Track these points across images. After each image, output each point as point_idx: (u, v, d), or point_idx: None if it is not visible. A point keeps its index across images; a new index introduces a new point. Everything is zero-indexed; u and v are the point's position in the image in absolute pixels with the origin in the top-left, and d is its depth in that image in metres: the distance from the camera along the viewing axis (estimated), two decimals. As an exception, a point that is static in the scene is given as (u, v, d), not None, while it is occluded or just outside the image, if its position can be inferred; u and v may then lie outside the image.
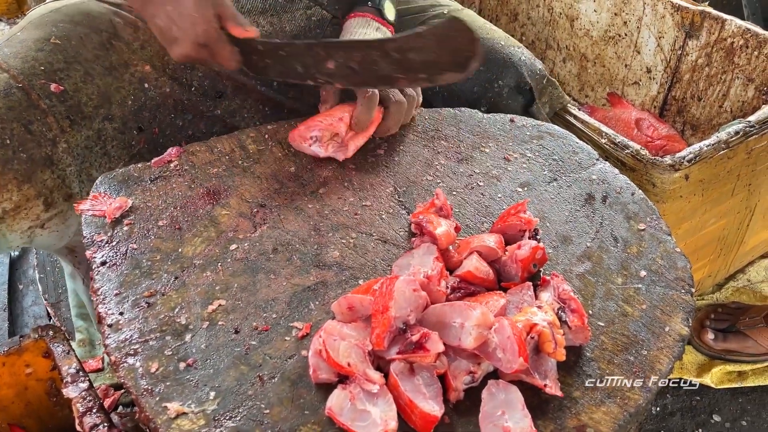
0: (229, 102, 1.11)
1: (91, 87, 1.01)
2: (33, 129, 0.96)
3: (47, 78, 0.97)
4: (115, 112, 1.03)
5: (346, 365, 0.65)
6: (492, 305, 0.72)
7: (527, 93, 1.18)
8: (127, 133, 1.04)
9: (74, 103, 0.99)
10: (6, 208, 0.95)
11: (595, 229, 0.88)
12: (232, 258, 0.82)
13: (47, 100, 0.97)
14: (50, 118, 0.96)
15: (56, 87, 0.97)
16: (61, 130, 0.98)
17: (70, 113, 0.99)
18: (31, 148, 0.96)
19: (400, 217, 0.90)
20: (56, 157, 0.98)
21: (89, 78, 1.01)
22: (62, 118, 0.98)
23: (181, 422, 0.64)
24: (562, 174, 0.97)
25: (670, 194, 1.14)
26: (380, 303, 0.69)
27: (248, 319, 0.75)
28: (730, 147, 1.16)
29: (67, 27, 1.02)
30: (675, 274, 0.82)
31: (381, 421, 0.62)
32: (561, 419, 0.66)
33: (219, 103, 1.10)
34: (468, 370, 0.68)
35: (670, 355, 0.73)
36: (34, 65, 0.97)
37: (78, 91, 0.99)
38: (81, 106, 0.99)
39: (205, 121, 1.10)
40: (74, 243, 1.12)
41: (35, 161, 0.96)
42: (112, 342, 0.71)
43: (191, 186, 0.91)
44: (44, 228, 1.01)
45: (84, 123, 1.00)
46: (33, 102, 0.96)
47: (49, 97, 0.97)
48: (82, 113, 1.00)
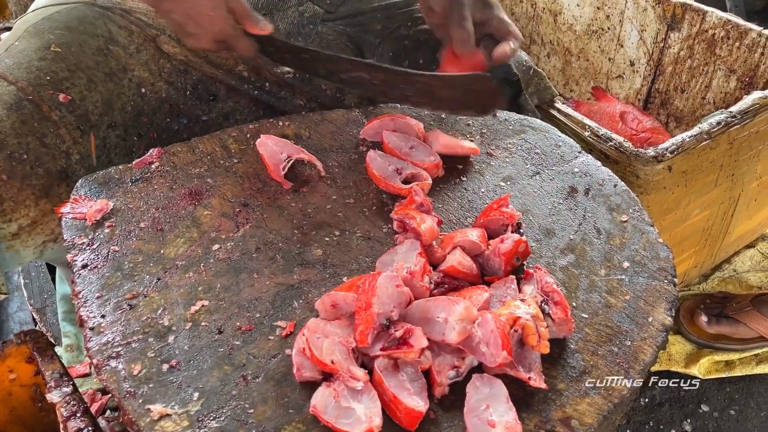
0: (222, 104, 1.11)
1: (96, 94, 1.00)
2: (47, 142, 0.95)
3: (54, 88, 0.96)
4: (117, 119, 1.02)
5: (330, 363, 0.65)
6: (475, 299, 0.72)
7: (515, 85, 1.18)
8: (128, 140, 1.04)
9: (82, 113, 0.98)
10: (23, 224, 0.94)
11: (578, 222, 0.88)
12: (214, 258, 0.82)
13: (58, 111, 0.95)
14: (62, 130, 0.95)
15: (64, 97, 0.96)
16: (74, 141, 0.97)
17: (80, 123, 0.98)
18: (47, 162, 0.95)
19: (383, 214, 0.89)
20: (71, 170, 0.97)
21: (93, 85, 1.00)
22: (73, 129, 0.97)
23: (164, 424, 0.64)
24: (544, 167, 0.97)
25: (653, 186, 1.15)
26: (363, 300, 0.68)
27: (231, 319, 0.75)
28: (712, 138, 1.17)
29: (64, 34, 1.00)
30: (658, 264, 0.82)
31: (365, 418, 0.62)
32: (546, 411, 0.67)
33: (213, 106, 1.10)
34: (452, 365, 0.68)
35: (653, 345, 0.73)
36: (39, 75, 0.96)
37: (84, 100, 0.98)
38: (88, 115, 0.98)
39: (201, 125, 1.10)
40: None
41: (51, 175, 0.95)
42: (94, 345, 0.71)
43: (173, 187, 0.91)
44: (56, 242, 1.00)
45: (92, 132, 0.99)
46: (45, 114, 0.95)
47: (58, 107, 0.96)
48: (90, 122, 0.99)
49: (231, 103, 1.12)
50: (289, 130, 1.01)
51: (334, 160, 0.97)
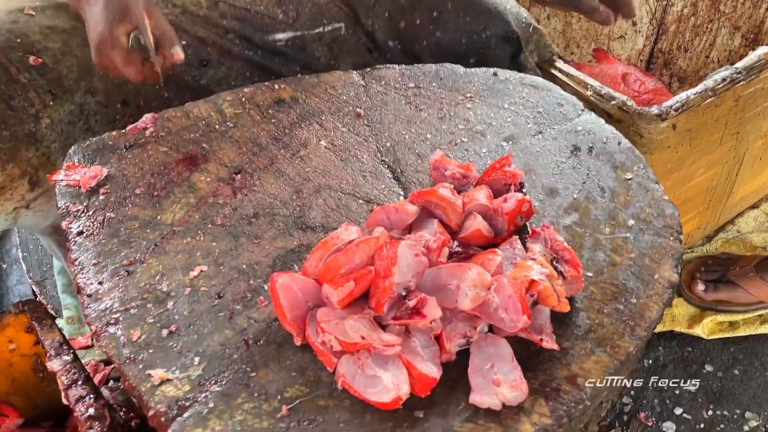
0: (215, 71, 1.08)
1: (71, 59, 0.97)
2: (14, 104, 0.92)
3: (24, 51, 0.94)
4: (98, 85, 0.99)
5: (361, 339, 0.63)
6: (488, 264, 0.70)
7: (515, 42, 1.16)
8: (111, 107, 1.01)
9: (54, 77, 0.95)
10: None
11: (582, 180, 0.86)
12: (212, 223, 0.80)
13: (27, 74, 0.93)
14: (32, 93, 0.93)
15: (35, 60, 0.94)
16: (44, 105, 0.94)
17: (51, 87, 0.95)
18: (14, 125, 0.92)
19: (383, 177, 0.88)
20: (40, 134, 0.95)
21: (68, 49, 0.97)
22: (44, 93, 0.94)
23: (165, 389, 0.63)
24: (547, 126, 0.95)
25: (657, 145, 1.13)
26: (382, 267, 0.67)
27: (231, 283, 0.74)
28: (717, 94, 1.15)
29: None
30: (663, 221, 0.80)
31: (393, 386, 0.61)
32: (551, 370, 0.66)
33: (204, 73, 1.07)
34: (464, 333, 0.66)
35: (659, 302, 0.72)
36: (9, 38, 0.94)
37: (57, 64, 0.96)
38: (62, 79, 0.96)
39: (191, 92, 1.07)
40: (58, 222, 1.10)
41: (18, 139, 0.93)
42: (92, 312, 0.70)
43: (168, 152, 0.89)
44: (29, 208, 0.98)
45: (66, 97, 0.97)
46: (12, 76, 0.92)
47: (28, 70, 0.93)
48: (64, 87, 0.96)
49: (224, 69, 1.10)
50: (285, 93, 0.99)
51: (332, 123, 0.95)
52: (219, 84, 1.09)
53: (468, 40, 1.15)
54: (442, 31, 1.15)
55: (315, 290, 0.68)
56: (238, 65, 1.10)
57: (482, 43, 1.15)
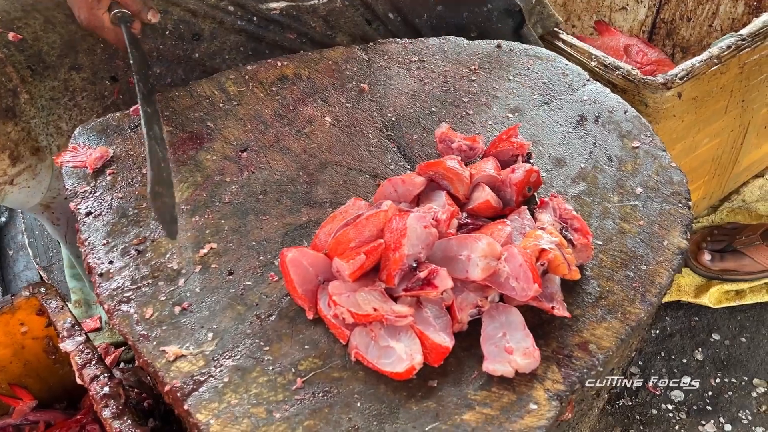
0: (207, 44, 1.07)
1: (53, 35, 0.97)
2: None
3: (3, 27, 0.93)
4: (83, 61, 0.99)
5: (373, 311, 0.63)
6: (497, 235, 0.70)
7: (517, 15, 1.15)
8: (98, 83, 1.01)
9: (34, 53, 0.95)
10: None
11: (589, 150, 0.86)
12: (220, 201, 0.80)
13: (5, 50, 0.93)
14: (9, 68, 0.93)
15: (14, 36, 0.94)
16: (22, 80, 0.94)
17: (30, 63, 0.95)
18: None
19: (389, 151, 0.87)
20: (18, 109, 0.95)
21: (50, 26, 0.97)
22: (22, 68, 0.94)
23: (180, 364, 0.64)
24: (552, 97, 0.94)
25: (663, 114, 1.12)
26: (392, 240, 0.67)
27: (241, 260, 0.74)
28: (722, 62, 1.14)
29: None
30: (671, 188, 0.80)
31: (406, 356, 0.61)
32: (563, 337, 0.66)
33: (197, 46, 1.06)
34: (475, 303, 0.66)
35: (669, 269, 0.72)
36: None
37: (38, 40, 0.96)
38: (42, 56, 0.96)
39: (183, 67, 1.06)
40: (48, 200, 1.10)
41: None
42: (104, 291, 0.70)
43: (173, 132, 0.89)
44: (14, 184, 0.98)
45: (47, 73, 0.96)
46: None
47: (6, 46, 0.93)
48: (45, 63, 0.96)
49: (217, 43, 1.08)
50: (288, 70, 0.98)
51: (336, 99, 0.95)
52: (212, 57, 1.08)
53: (469, 13, 1.14)
54: (443, 4, 1.14)
55: (325, 264, 0.69)
56: (232, 38, 1.08)
57: (483, 16, 1.14)
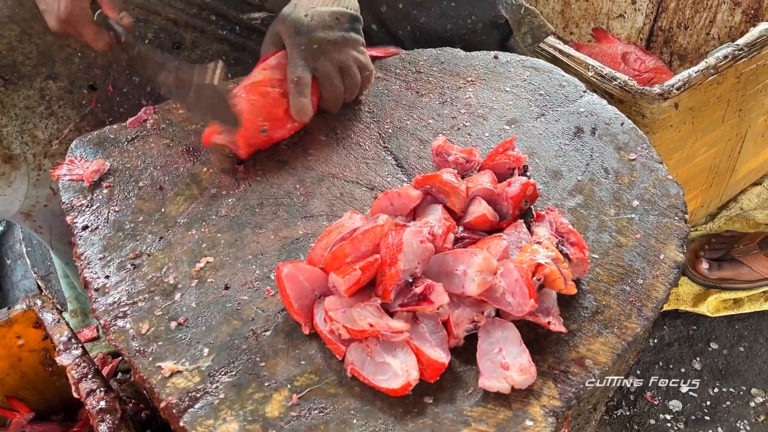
0: (188, 53, 1.06)
1: (29, 46, 0.97)
2: None
3: None
4: (60, 70, 0.99)
5: (369, 327, 0.63)
6: (494, 249, 0.70)
7: (503, 27, 1.14)
8: (75, 92, 1.01)
9: (8, 63, 0.96)
10: None
11: (586, 162, 0.86)
12: (216, 215, 0.80)
13: None
14: None
15: None
16: None
17: (3, 72, 0.95)
18: None
19: (386, 163, 0.87)
20: None
21: (26, 37, 0.97)
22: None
23: (176, 380, 0.63)
24: (549, 108, 0.95)
25: (659, 124, 1.12)
26: (388, 255, 0.67)
27: (238, 274, 0.74)
28: (719, 72, 1.14)
29: None
30: (668, 201, 0.80)
31: (402, 372, 0.61)
32: (559, 352, 0.66)
33: (177, 55, 1.06)
34: (471, 318, 0.66)
35: (665, 283, 0.72)
36: None
37: (13, 51, 0.96)
38: (17, 66, 0.96)
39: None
40: (27, 208, 1.10)
41: None
42: (100, 306, 0.70)
43: (170, 144, 0.89)
44: None
45: (22, 83, 0.97)
46: None
47: None
48: (19, 72, 0.96)
49: (198, 51, 1.07)
50: (285, 82, 0.98)
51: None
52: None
53: (453, 25, 1.13)
54: (426, 17, 1.12)
55: (321, 279, 0.69)
56: (214, 47, 1.08)
57: (468, 29, 1.13)
